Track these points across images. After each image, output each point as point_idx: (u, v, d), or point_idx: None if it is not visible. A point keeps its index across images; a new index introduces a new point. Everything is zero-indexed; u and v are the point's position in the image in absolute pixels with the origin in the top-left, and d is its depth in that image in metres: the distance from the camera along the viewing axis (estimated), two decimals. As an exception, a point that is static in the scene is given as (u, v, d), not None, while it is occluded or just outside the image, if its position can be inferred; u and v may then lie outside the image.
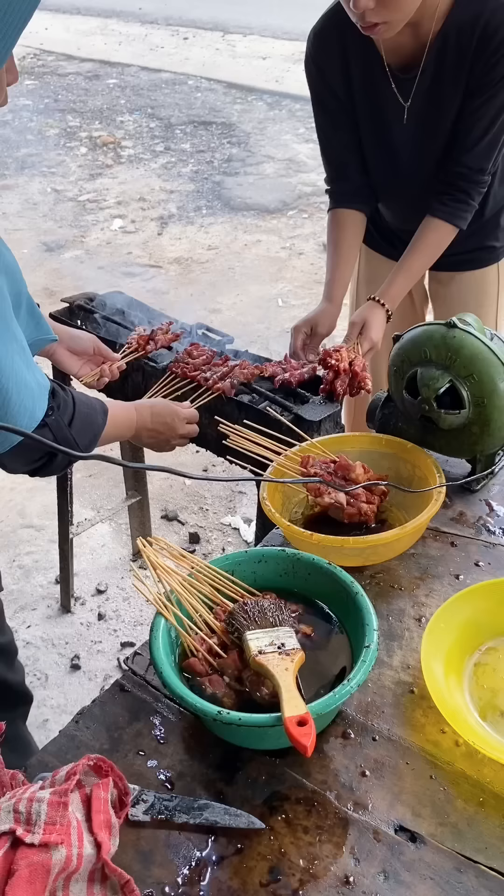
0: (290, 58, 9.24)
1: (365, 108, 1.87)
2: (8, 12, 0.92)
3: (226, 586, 1.09)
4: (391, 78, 1.78)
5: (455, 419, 1.30)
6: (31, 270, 5.03)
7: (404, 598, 1.19)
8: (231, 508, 3.06)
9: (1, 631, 1.51)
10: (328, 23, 1.82)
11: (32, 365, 1.15)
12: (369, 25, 1.58)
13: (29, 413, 1.12)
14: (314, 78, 1.90)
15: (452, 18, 1.66)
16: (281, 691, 0.89)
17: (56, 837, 0.79)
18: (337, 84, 1.86)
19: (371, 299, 1.90)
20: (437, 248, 1.88)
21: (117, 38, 10.88)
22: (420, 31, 1.69)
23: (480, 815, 0.90)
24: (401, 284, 1.90)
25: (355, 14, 1.56)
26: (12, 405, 1.08)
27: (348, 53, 1.80)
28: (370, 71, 1.80)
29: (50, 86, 8.96)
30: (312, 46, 1.87)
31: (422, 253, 1.88)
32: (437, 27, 1.67)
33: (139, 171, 6.66)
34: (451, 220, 1.83)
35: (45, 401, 1.16)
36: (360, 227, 2.03)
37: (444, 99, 1.75)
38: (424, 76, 1.74)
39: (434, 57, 1.71)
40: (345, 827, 0.89)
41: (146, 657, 1.09)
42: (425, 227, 1.87)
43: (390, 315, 1.91)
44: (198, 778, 0.95)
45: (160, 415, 1.54)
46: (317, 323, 1.97)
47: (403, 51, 1.74)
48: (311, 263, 5.01)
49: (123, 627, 2.54)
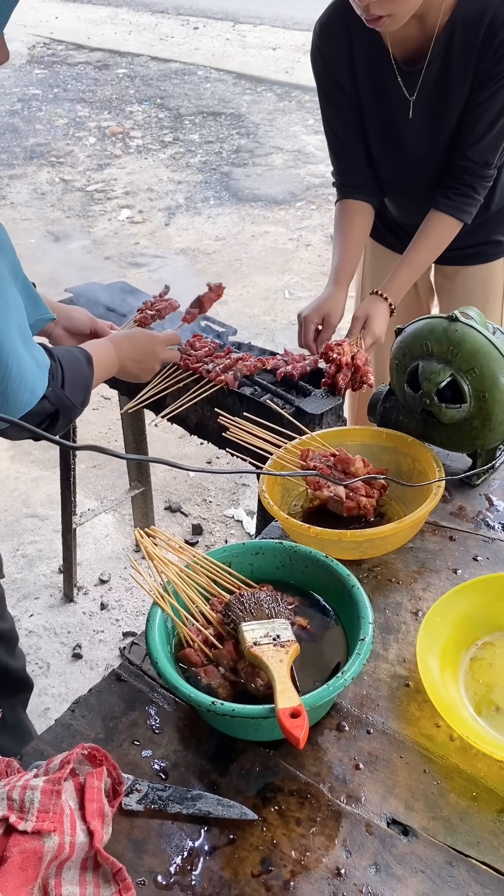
0: (300, 48, 9.18)
1: (370, 100, 1.86)
2: None
3: (223, 578, 1.09)
4: (397, 71, 1.77)
5: (456, 413, 1.30)
6: (38, 260, 5.02)
7: (401, 591, 1.19)
8: (234, 501, 3.06)
9: (2, 617, 1.51)
10: (334, 14, 1.81)
11: (31, 343, 1.17)
12: (374, 18, 1.57)
13: (30, 389, 1.14)
14: (320, 70, 1.89)
15: (459, 11, 1.65)
16: (275, 683, 0.90)
17: (49, 825, 0.80)
18: (343, 76, 1.85)
19: (374, 293, 1.89)
20: (441, 243, 1.87)
21: (127, 28, 10.84)
22: (426, 24, 1.67)
23: (473, 810, 0.90)
24: (404, 278, 1.89)
25: (360, 7, 1.55)
26: (13, 380, 1.10)
27: (354, 46, 1.79)
28: (376, 63, 1.79)
29: (59, 75, 8.93)
30: (318, 38, 1.86)
31: (426, 247, 1.87)
32: (444, 20, 1.66)
33: (147, 161, 6.65)
34: (455, 213, 1.82)
35: (44, 378, 1.18)
36: (368, 218, 2.01)
37: (450, 92, 1.74)
38: (430, 69, 1.73)
39: (440, 50, 1.70)
40: (337, 819, 0.89)
41: (143, 647, 1.09)
42: (429, 220, 1.86)
43: (393, 309, 1.90)
44: (192, 768, 0.95)
45: (138, 341, 1.56)
46: (329, 313, 1.92)
47: (409, 44, 1.72)
48: (318, 255, 5.00)
49: (125, 617, 2.55)
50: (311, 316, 1.92)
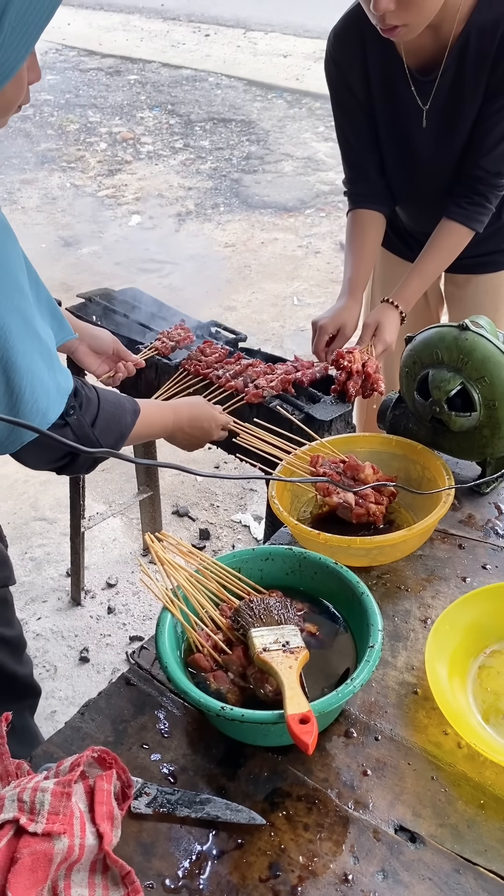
0: (311, 56, 9.22)
1: (384, 109, 1.87)
2: (29, 10, 0.93)
3: (232, 583, 1.10)
4: (411, 80, 1.78)
5: (466, 421, 1.30)
6: (49, 265, 5.05)
7: (410, 599, 1.19)
8: (242, 506, 3.07)
9: (10, 624, 1.52)
10: (348, 23, 1.82)
11: (56, 365, 1.13)
12: (389, 28, 1.57)
13: (41, 414, 1.10)
14: (334, 78, 1.90)
15: (473, 21, 1.66)
16: (284, 689, 0.90)
17: (59, 827, 0.80)
18: (356, 85, 1.86)
19: (385, 301, 1.90)
20: (452, 251, 1.87)
21: (139, 35, 10.90)
22: (440, 33, 1.68)
23: (481, 818, 0.90)
24: (415, 286, 1.90)
25: (375, 16, 1.56)
26: (24, 404, 1.07)
27: (368, 54, 1.80)
28: (389, 72, 1.80)
29: (71, 81, 8.99)
30: (332, 47, 1.87)
31: (437, 255, 1.87)
32: (458, 30, 1.67)
33: (158, 167, 6.68)
34: (467, 222, 1.83)
35: (61, 404, 1.14)
36: (380, 228, 2.02)
37: (464, 102, 1.75)
38: (444, 78, 1.74)
39: (454, 59, 1.71)
40: (345, 825, 0.89)
41: (152, 651, 1.10)
42: (441, 229, 1.86)
43: (404, 317, 1.91)
44: (200, 772, 0.96)
45: (198, 419, 1.51)
46: (344, 323, 1.92)
47: (423, 53, 1.73)
48: (327, 262, 5.01)
49: (132, 621, 2.55)
50: (326, 325, 1.92)
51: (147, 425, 1.36)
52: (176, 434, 1.48)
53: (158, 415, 1.43)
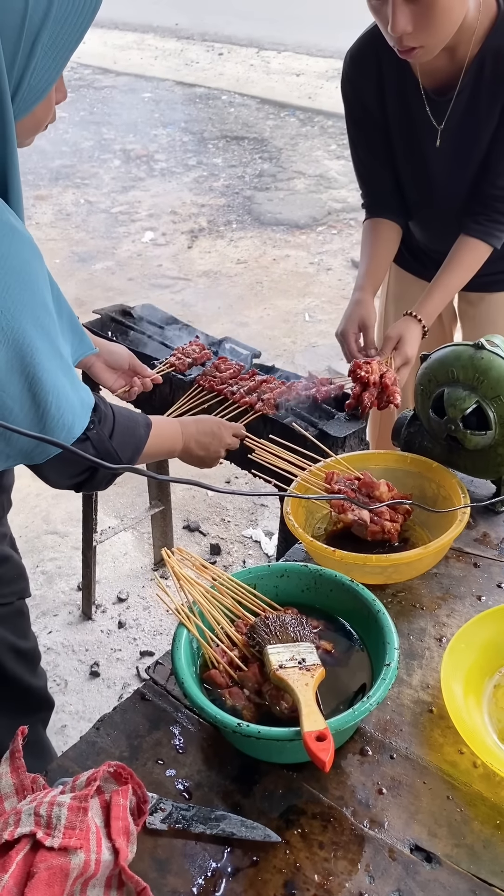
0: (323, 75, 9.30)
1: (399, 128, 1.88)
2: (61, 34, 0.95)
3: (248, 599, 1.10)
4: (426, 100, 1.79)
5: (481, 440, 1.31)
6: (63, 280, 5.09)
7: (426, 617, 1.19)
8: (253, 521, 3.07)
9: (25, 636, 1.53)
10: (364, 44, 1.84)
11: (77, 382, 1.15)
12: (406, 49, 1.59)
13: (67, 429, 1.12)
14: (349, 98, 1.92)
15: (489, 43, 1.68)
16: (300, 706, 0.90)
17: (75, 842, 0.81)
18: (372, 104, 1.88)
19: (408, 314, 1.89)
20: (472, 267, 1.88)
21: (153, 53, 11.03)
22: (456, 55, 1.70)
23: (497, 838, 0.89)
24: (437, 301, 1.89)
25: (393, 38, 1.58)
26: (51, 419, 1.09)
27: (384, 75, 1.82)
28: (405, 92, 1.81)
29: (86, 99, 9.10)
30: (349, 67, 1.89)
31: (458, 271, 1.87)
32: (474, 51, 1.69)
33: (171, 184, 6.74)
34: (486, 238, 1.83)
35: (86, 418, 1.16)
36: (396, 236, 2.02)
37: (479, 122, 1.76)
38: (460, 99, 1.75)
39: (470, 81, 1.72)
40: (360, 844, 0.89)
41: (167, 667, 1.10)
42: (460, 245, 1.87)
43: (426, 331, 1.89)
44: (215, 789, 0.96)
45: (205, 424, 1.54)
46: (362, 318, 1.90)
47: (439, 74, 1.75)
48: (338, 279, 5.03)
49: (143, 636, 2.55)
50: (347, 328, 1.91)
51: (159, 436, 1.38)
52: (190, 445, 1.49)
53: (169, 428, 1.45)
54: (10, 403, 1.05)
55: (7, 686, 1.46)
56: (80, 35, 0.96)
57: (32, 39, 0.93)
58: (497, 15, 1.67)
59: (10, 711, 1.48)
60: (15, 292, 1.01)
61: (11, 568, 1.45)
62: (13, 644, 1.45)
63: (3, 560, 1.42)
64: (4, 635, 1.43)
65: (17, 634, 1.46)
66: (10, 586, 1.44)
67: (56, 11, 0.93)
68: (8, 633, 1.44)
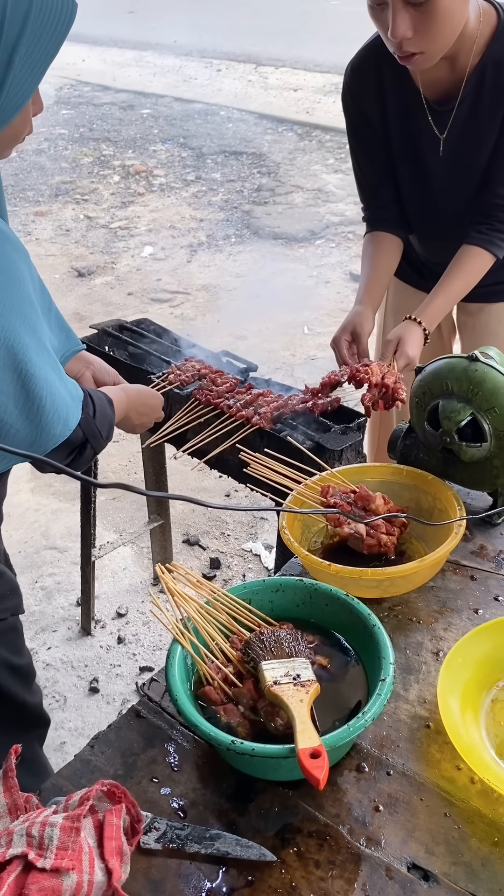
0: (320, 89, 9.35)
1: (400, 139, 1.89)
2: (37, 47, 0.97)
3: (243, 615, 1.10)
4: (427, 110, 1.80)
5: (476, 452, 1.30)
6: (63, 295, 5.11)
7: (422, 631, 1.19)
8: (253, 534, 3.06)
9: (20, 653, 1.52)
10: (365, 56, 1.85)
11: (64, 376, 1.21)
12: (406, 55, 1.60)
13: (63, 421, 1.18)
14: (350, 110, 1.93)
15: (490, 53, 1.68)
16: (295, 723, 0.89)
17: (67, 863, 0.80)
18: (373, 115, 1.89)
19: (408, 318, 1.87)
20: (475, 274, 1.86)
21: (152, 70, 11.10)
22: (457, 64, 1.71)
23: (495, 856, 0.88)
24: (439, 306, 1.87)
25: (393, 43, 1.58)
26: (46, 413, 1.14)
27: (385, 86, 1.83)
28: (406, 102, 1.82)
29: (85, 115, 9.15)
30: (349, 79, 1.90)
31: (460, 277, 1.86)
32: (475, 61, 1.70)
33: (170, 199, 6.77)
34: (488, 247, 1.83)
35: (78, 410, 1.22)
36: (397, 250, 2.02)
37: (480, 132, 1.77)
38: (461, 109, 1.76)
39: (471, 90, 1.73)
40: (357, 862, 0.88)
41: (162, 684, 1.09)
42: (463, 253, 1.86)
43: (427, 335, 1.87)
44: (210, 807, 0.95)
45: (147, 395, 1.58)
46: (355, 326, 1.89)
47: (440, 84, 1.76)
48: (337, 292, 5.04)
49: (142, 652, 2.54)
50: (339, 336, 1.90)
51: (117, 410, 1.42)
52: (130, 414, 1.53)
53: (117, 399, 1.47)
54: (5, 400, 1.09)
55: (1, 703, 1.45)
56: (56, 47, 0.99)
57: (10, 52, 0.95)
58: (497, 24, 1.68)
59: (4, 729, 1.47)
60: (3, 291, 1.03)
61: (4, 584, 1.44)
62: (7, 661, 1.44)
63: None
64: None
65: (11, 651, 1.46)
66: (3, 602, 1.43)
67: (32, 24, 0.95)
68: (2, 649, 1.43)
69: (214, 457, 1.81)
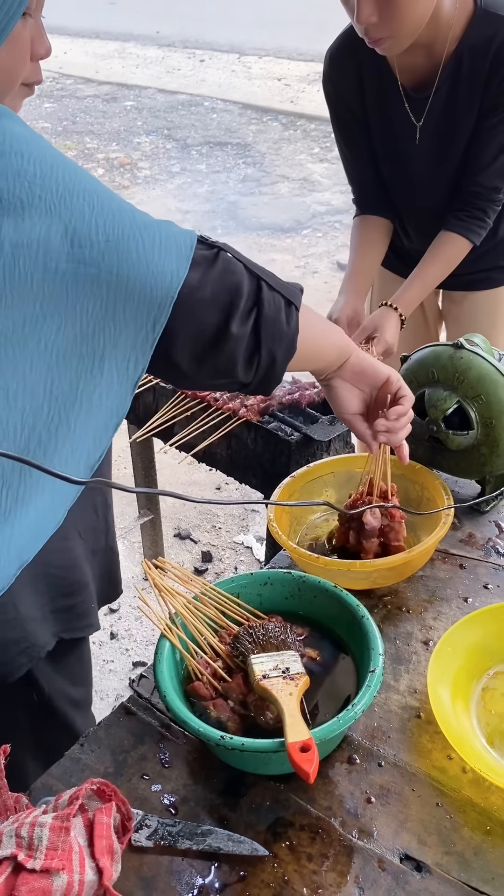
0: (304, 78, 9.31)
1: (379, 126, 1.89)
2: None
3: (231, 609, 1.09)
4: (405, 98, 1.79)
5: (463, 440, 1.30)
6: (48, 290, 5.07)
7: (412, 621, 1.18)
8: (244, 527, 3.05)
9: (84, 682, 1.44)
10: (343, 43, 1.84)
11: None
12: (375, 40, 1.59)
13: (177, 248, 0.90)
14: (331, 97, 1.93)
15: (466, 40, 1.67)
16: (284, 716, 0.89)
17: (57, 863, 0.79)
18: (352, 102, 1.88)
19: (384, 304, 1.87)
20: (452, 261, 1.87)
21: (135, 62, 11.03)
22: (433, 52, 1.70)
23: (487, 845, 0.88)
24: (416, 291, 1.88)
25: (360, 29, 1.58)
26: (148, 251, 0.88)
27: (363, 73, 1.82)
28: (384, 90, 1.82)
29: (68, 108, 9.08)
30: (328, 66, 1.89)
31: (437, 264, 1.86)
32: (451, 49, 1.69)
33: (155, 191, 6.73)
34: (465, 234, 1.83)
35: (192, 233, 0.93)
36: (386, 232, 2.02)
37: (458, 119, 1.76)
38: (438, 96, 1.75)
39: (448, 77, 1.72)
40: (349, 855, 0.88)
41: (152, 680, 1.08)
42: (440, 239, 1.86)
43: (404, 320, 1.88)
44: (202, 803, 0.94)
45: None
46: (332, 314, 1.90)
47: (417, 71, 1.75)
48: (325, 282, 5.03)
49: (135, 647, 2.53)
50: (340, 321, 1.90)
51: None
52: None
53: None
54: None
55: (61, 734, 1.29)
56: None
57: None
58: (474, 11, 1.67)
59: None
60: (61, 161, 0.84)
61: (88, 597, 1.28)
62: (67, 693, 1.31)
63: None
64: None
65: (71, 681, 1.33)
66: (84, 619, 1.29)
67: None
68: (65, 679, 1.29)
69: (202, 450, 1.80)
